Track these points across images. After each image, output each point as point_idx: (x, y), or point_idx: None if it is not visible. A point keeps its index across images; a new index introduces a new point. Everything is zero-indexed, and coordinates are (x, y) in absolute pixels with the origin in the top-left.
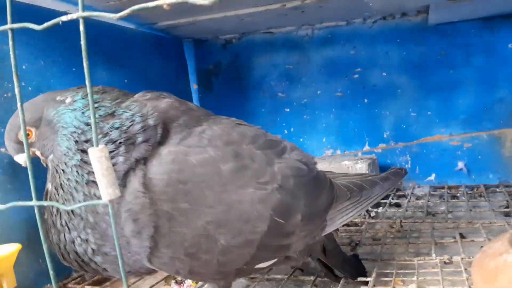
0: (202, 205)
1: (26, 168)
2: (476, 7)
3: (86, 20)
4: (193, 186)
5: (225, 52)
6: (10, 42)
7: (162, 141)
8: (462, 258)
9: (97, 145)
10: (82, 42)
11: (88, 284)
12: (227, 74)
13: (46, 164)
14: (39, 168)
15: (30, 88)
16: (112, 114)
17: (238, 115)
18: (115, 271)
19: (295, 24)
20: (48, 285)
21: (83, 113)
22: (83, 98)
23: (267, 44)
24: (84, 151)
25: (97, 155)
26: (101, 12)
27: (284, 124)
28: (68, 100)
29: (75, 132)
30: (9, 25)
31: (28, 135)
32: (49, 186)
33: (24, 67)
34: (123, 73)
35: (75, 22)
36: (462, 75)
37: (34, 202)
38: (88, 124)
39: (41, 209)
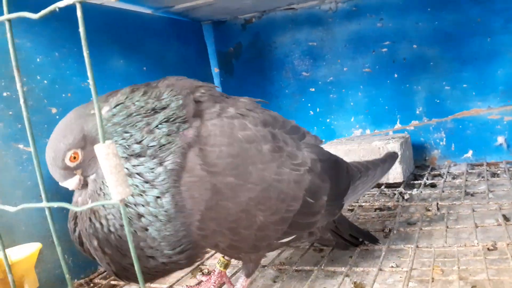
0: (247, 181)
1: (43, 164)
2: None
3: (100, 7)
4: (240, 161)
5: (245, 33)
6: (8, 34)
7: (197, 114)
8: (508, 244)
9: (104, 141)
10: (81, 29)
11: (114, 279)
12: (248, 55)
13: (85, 184)
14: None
15: (45, 81)
16: (153, 109)
17: (261, 98)
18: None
19: None
20: (76, 280)
21: (124, 119)
22: (116, 106)
23: (288, 21)
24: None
25: (104, 152)
26: None
27: (309, 104)
28: (104, 111)
29: (124, 144)
30: (6, 16)
31: (75, 157)
32: (79, 199)
33: (38, 59)
34: (141, 60)
35: (89, 10)
36: (500, 43)
37: (44, 204)
38: (131, 132)
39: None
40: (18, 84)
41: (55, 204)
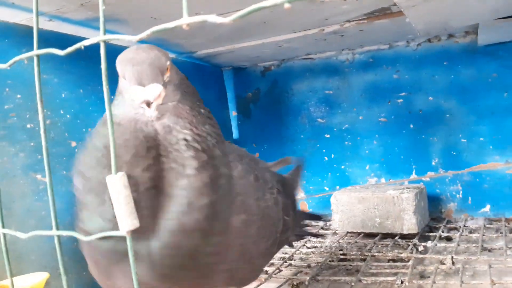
0: (251, 214)
1: (59, 195)
2: None
3: (123, 49)
4: (245, 197)
5: (264, 79)
6: (36, 69)
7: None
8: None
9: (116, 173)
10: (102, 66)
11: None
12: (265, 101)
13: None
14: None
15: (68, 116)
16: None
17: (277, 142)
18: None
19: (334, 49)
20: None
21: None
22: None
23: (306, 70)
24: None
25: (116, 183)
26: (121, 35)
27: (324, 150)
28: None
29: None
30: (35, 52)
31: (167, 69)
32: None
33: (63, 95)
34: None
35: (114, 50)
36: None
37: (54, 232)
38: None
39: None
40: (40, 115)
41: (65, 233)
